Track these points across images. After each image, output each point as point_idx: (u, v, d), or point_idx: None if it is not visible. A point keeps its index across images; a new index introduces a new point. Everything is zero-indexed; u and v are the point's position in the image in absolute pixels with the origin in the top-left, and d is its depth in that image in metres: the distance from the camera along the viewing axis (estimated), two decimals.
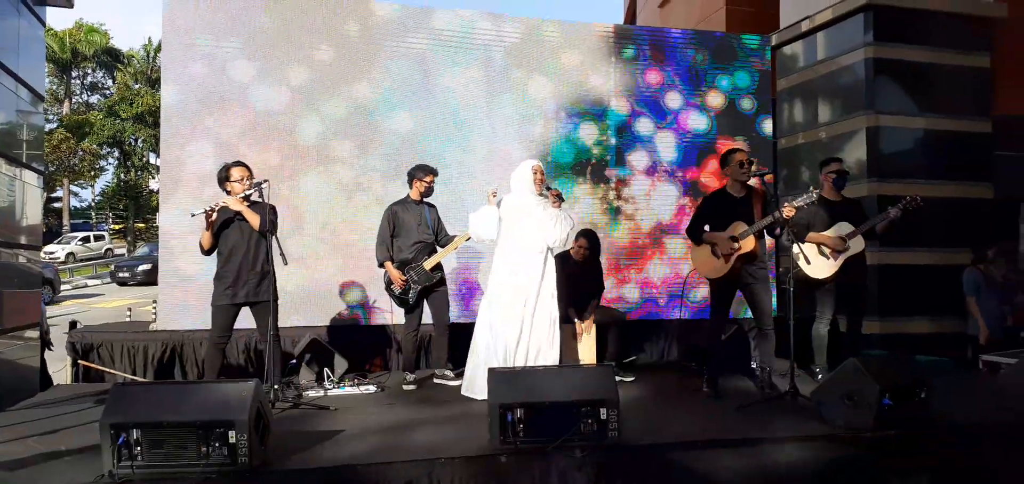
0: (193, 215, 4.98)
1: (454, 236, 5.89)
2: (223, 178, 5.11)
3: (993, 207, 7.94)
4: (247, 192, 5.00)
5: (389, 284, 5.75)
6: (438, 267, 5.78)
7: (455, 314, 6.38)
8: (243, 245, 5.03)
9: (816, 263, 5.56)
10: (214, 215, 4.92)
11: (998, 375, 5.56)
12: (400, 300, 5.74)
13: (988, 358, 5.88)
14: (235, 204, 4.97)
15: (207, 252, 5.09)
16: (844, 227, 5.65)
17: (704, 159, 7.97)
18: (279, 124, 6.89)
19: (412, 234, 5.73)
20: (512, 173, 5.44)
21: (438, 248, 5.82)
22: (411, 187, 5.83)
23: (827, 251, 5.62)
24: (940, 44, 7.90)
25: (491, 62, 7.45)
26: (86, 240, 32.21)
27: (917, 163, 7.76)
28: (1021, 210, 10.01)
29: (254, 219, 4.96)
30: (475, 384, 5.22)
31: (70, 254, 29.48)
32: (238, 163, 5.17)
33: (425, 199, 5.86)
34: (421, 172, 5.80)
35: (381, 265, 5.76)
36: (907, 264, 7.45)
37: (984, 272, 6.58)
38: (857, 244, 5.62)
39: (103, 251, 32.04)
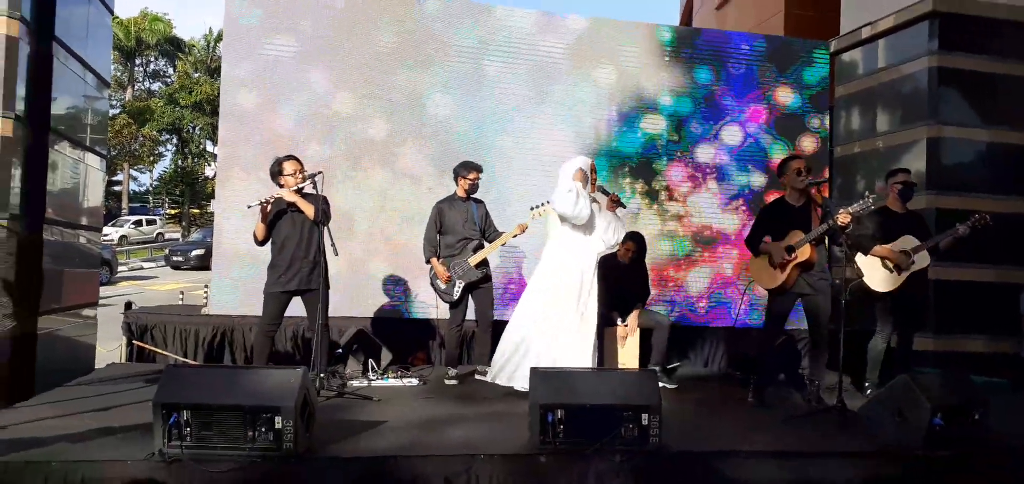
0: (249, 207, 5.09)
1: (502, 232, 5.89)
2: (276, 172, 5.22)
3: None
4: (300, 185, 5.09)
5: (434, 279, 5.79)
6: (484, 263, 5.80)
7: (497, 311, 6.39)
8: (296, 235, 5.12)
9: (878, 275, 5.43)
10: (269, 207, 5.02)
11: None
12: (444, 295, 5.78)
13: None
14: (289, 195, 5.07)
15: (261, 242, 5.20)
16: (909, 241, 5.50)
17: (758, 165, 7.84)
18: (333, 118, 7.01)
19: (458, 231, 5.76)
20: (562, 167, 5.39)
21: (485, 244, 5.84)
22: (457, 184, 5.86)
23: (891, 265, 5.48)
24: (1007, 54, 7.62)
25: (547, 60, 7.44)
26: (139, 223, 33.26)
27: (980, 176, 7.51)
28: None
29: (308, 209, 5.05)
30: (504, 371, 5.24)
31: (123, 236, 30.45)
32: (290, 157, 5.26)
33: (471, 195, 5.89)
34: (464, 169, 5.83)
35: (428, 261, 5.81)
36: (966, 280, 7.21)
37: None
38: (922, 259, 5.46)
39: (155, 235, 32.94)
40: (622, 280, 6.00)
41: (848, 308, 5.08)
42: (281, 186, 5.15)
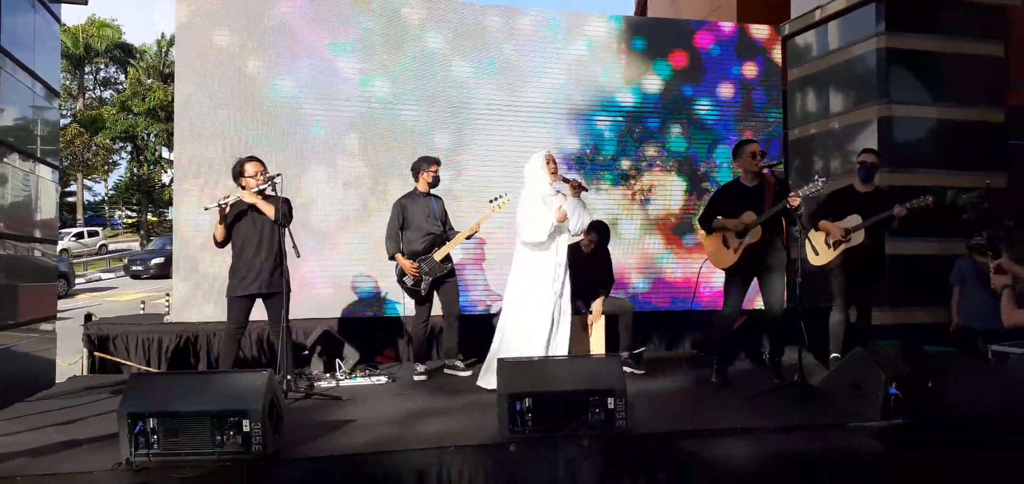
0: (206, 209, 5.04)
1: (462, 229, 5.91)
2: (238, 173, 5.17)
3: (1007, 196, 7.89)
4: (261, 186, 5.05)
5: (401, 276, 5.79)
6: (448, 258, 5.82)
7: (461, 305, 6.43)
8: (256, 237, 5.08)
9: (822, 252, 5.59)
10: (227, 208, 4.98)
11: (1006, 364, 5.54)
12: (412, 292, 5.78)
13: (998, 348, 5.86)
14: (249, 196, 5.03)
15: (221, 245, 5.15)
16: (853, 219, 5.64)
17: (714, 150, 7.96)
18: (292, 119, 6.95)
19: (422, 226, 5.77)
20: (525, 166, 5.42)
21: (447, 240, 5.85)
22: (417, 180, 5.86)
23: (830, 240, 5.62)
24: (953, 33, 7.85)
25: (501, 54, 7.47)
26: (79, 236, 31.77)
27: (930, 153, 7.74)
28: None
29: (269, 209, 5.01)
30: (489, 373, 5.28)
31: (64, 250, 29.41)
32: (252, 158, 5.21)
33: (432, 190, 5.90)
34: (425, 163, 5.84)
35: (392, 258, 5.80)
36: (919, 254, 7.43)
37: (977, 262, 6.51)
38: (857, 237, 5.59)
39: (97, 247, 31.67)
40: (586, 268, 6.06)
41: (812, 284, 5.20)
42: (243, 188, 5.11)
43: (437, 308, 5.90)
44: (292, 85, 6.97)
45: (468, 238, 5.93)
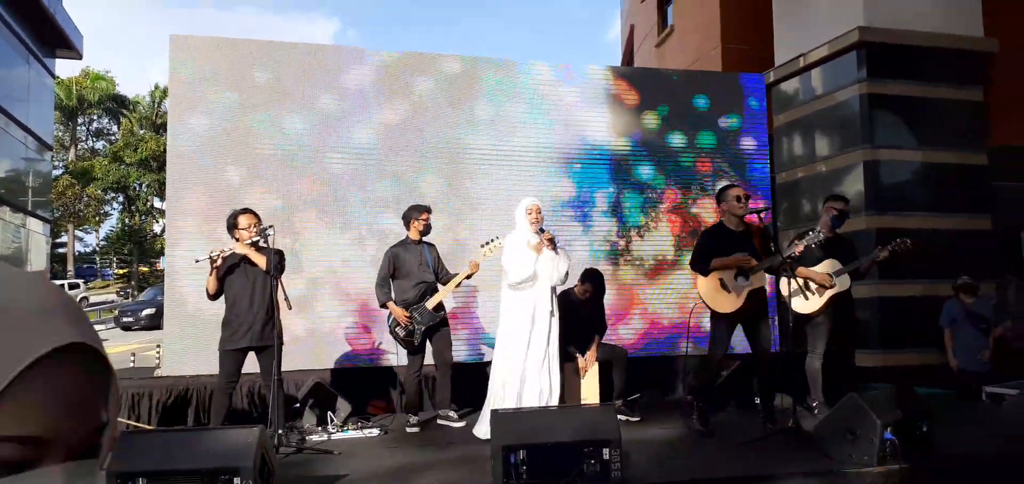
0: (197, 261, 5.04)
1: (454, 274, 5.91)
2: (231, 225, 5.19)
3: (992, 238, 7.98)
4: (254, 238, 5.07)
5: (394, 326, 5.77)
6: (440, 306, 5.81)
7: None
8: (248, 289, 5.08)
9: (801, 298, 5.65)
10: (219, 261, 4.98)
11: (1002, 407, 5.56)
12: (404, 342, 5.76)
13: (992, 390, 5.87)
14: (241, 248, 5.04)
15: (213, 297, 5.15)
16: (834, 264, 5.70)
17: (701, 196, 8.03)
18: (282, 170, 6.99)
19: (414, 274, 5.76)
20: (515, 210, 5.50)
21: (439, 287, 5.86)
22: (409, 228, 5.88)
23: (813, 287, 5.67)
24: (934, 79, 8.00)
25: (491, 104, 7.56)
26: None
27: (915, 196, 7.83)
28: (1022, 239, 10.05)
29: (261, 260, 5.02)
30: (483, 424, 5.26)
31: None
32: (246, 210, 5.24)
33: (424, 238, 5.92)
34: (416, 212, 5.86)
35: (383, 306, 5.79)
36: (907, 296, 7.48)
37: (964, 303, 6.57)
38: (843, 282, 5.66)
39: (78, 300, 31.36)
40: (579, 315, 6.07)
41: (788, 330, 5.24)
42: (237, 240, 5.12)
43: (430, 357, 5.88)
44: (284, 136, 7.02)
45: (458, 286, 5.93)
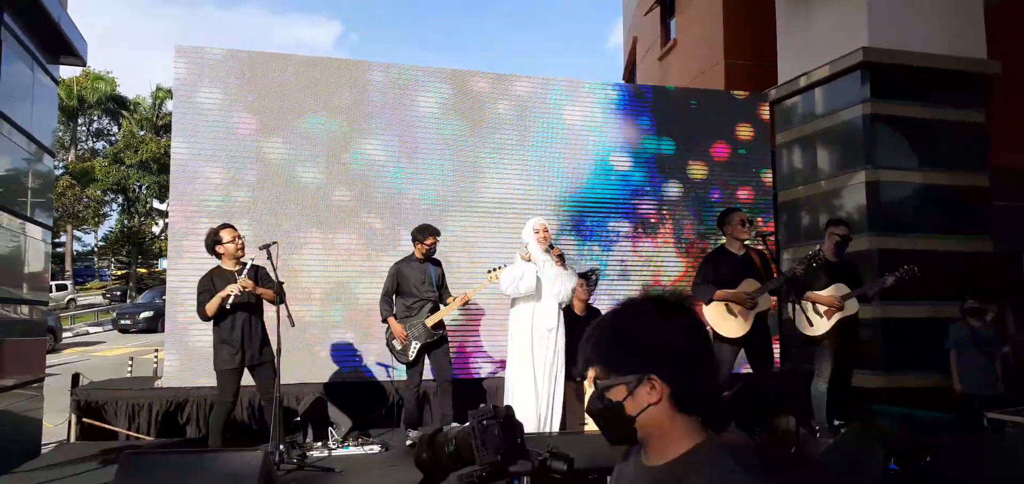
0: (211, 312, 5.03)
1: (456, 296, 5.93)
2: (214, 242, 5.20)
3: (993, 259, 7.99)
4: (246, 260, 5.11)
5: (391, 340, 5.79)
6: (440, 324, 5.82)
7: (455, 369, 6.42)
8: (246, 310, 5.10)
9: (817, 323, 5.64)
10: (230, 300, 4.97)
11: (1004, 435, 5.55)
12: (400, 356, 5.79)
13: (993, 416, 5.87)
14: (251, 287, 5.03)
15: (208, 320, 5.13)
16: (841, 288, 5.72)
17: (703, 214, 8.04)
18: (286, 181, 6.99)
19: (415, 292, 5.80)
20: (523, 230, 5.56)
21: (442, 306, 5.87)
22: (414, 247, 5.90)
23: (822, 310, 5.68)
24: (936, 100, 8.01)
25: (494, 119, 7.57)
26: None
27: (916, 216, 7.83)
28: (1023, 261, 10.07)
29: (268, 294, 5.10)
30: None
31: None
32: (226, 226, 5.27)
33: (429, 258, 5.93)
34: (421, 233, 5.87)
35: (384, 320, 5.81)
36: (910, 317, 7.47)
37: (970, 325, 6.57)
38: (851, 306, 5.67)
39: (65, 302, 30.68)
40: (577, 333, 6.07)
41: (789, 350, 5.27)
42: (219, 256, 5.16)
43: (429, 373, 5.88)
44: (287, 146, 7.02)
45: (461, 307, 5.96)
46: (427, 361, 5.85)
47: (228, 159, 6.87)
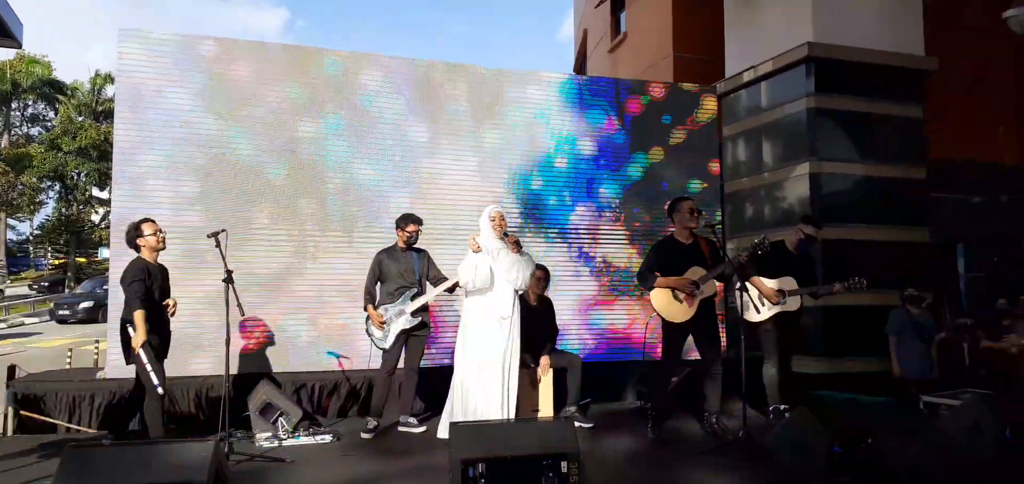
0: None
1: (445, 279, 5.91)
2: (134, 236, 5.13)
3: (930, 249, 8.31)
4: (161, 247, 5.20)
5: (369, 326, 5.84)
6: (423, 309, 5.86)
7: (430, 358, 6.42)
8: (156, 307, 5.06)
9: (761, 311, 5.83)
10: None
11: (939, 418, 5.79)
12: (378, 342, 5.81)
13: (929, 399, 6.12)
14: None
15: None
16: (788, 282, 5.91)
17: (653, 204, 8.15)
18: (233, 167, 6.84)
19: (395, 280, 5.86)
20: (480, 219, 5.56)
21: (428, 291, 5.90)
22: (397, 235, 5.97)
23: (766, 301, 5.88)
24: (877, 95, 8.28)
25: (446, 107, 7.53)
26: None
27: (857, 208, 8.08)
28: (958, 251, 10.50)
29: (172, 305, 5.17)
30: (442, 427, 5.27)
31: None
32: (147, 219, 5.22)
33: (411, 246, 5.97)
34: (403, 222, 5.96)
35: (364, 309, 5.86)
36: (850, 305, 7.72)
37: (910, 313, 6.85)
38: (793, 302, 5.90)
39: None
40: (531, 320, 6.10)
41: (737, 336, 5.42)
42: (138, 248, 5.12)
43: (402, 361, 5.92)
44: (234, 132, 6.86)
45: (436, 296, 5.97)
46: (402, 353, 5.87)
47: (173, 145, 6.69)
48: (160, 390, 4.87)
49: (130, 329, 4.88)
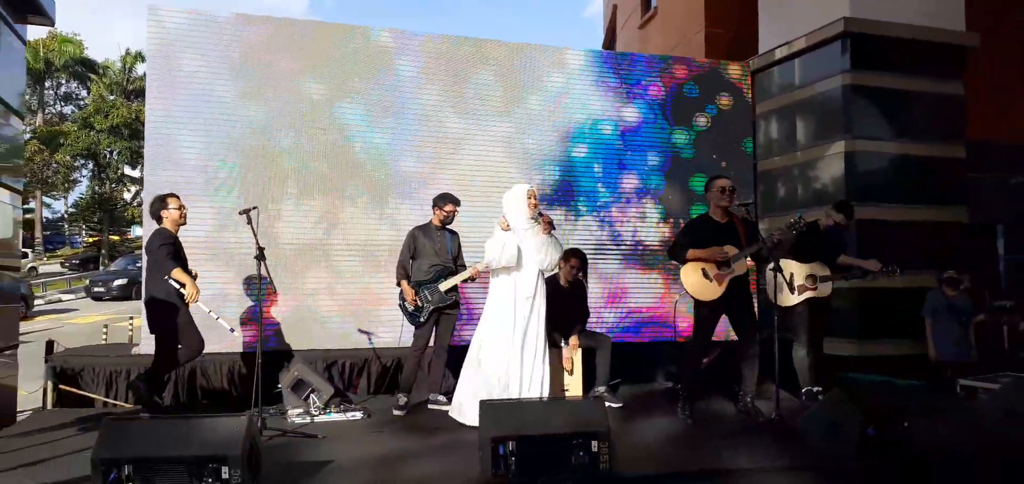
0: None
1: (464, 268, 5.96)
2: (159, 208, 5.33)
3: (968, 230, 8.11)
4: (182, 222, 5.41)
5: (403, 302, 5.86)
6: (453, 290, 5.89)
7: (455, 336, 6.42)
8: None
9: (794, 294, 5.80)
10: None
11: (976, 401, 5.69)
12: (411, 317, 5.85)
13: (966, 382, 6.01)
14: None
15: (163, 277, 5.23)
16: (821, 269, 5.91)
17: (686, 182, 8.06)
18: (265, 146, 6.87)
19: (429, 258, 5.89)
20: (504, 197, 5.50)
21: (457, 273, 5.92)
22: (433, 214, 5.98)
23: (796, 285, 5.87)
24: (915, 71, 8.06)
25: (474, 84, 7.49)
26: None
27: (893, 187, 7.91)
28: (997, 232, 10.26)
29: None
30: (464, 408, 5.25)
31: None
32: (172, 195, 5.41)
33: (446, 226, 5.99)
34: (441, 201, 5.98)
35: (398, 283, 5.89)
36: (886, 287, 7.57)
37: (946, 295, 6.73)
38: (825, 289, 5.93)
39: (27, 269, 30.08)
40: (563, 302, 6.09)
41: (769, 317, 5.37)
42: (161, 221, 5.32)
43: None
44: (263, 110, 6.88)
45: (469, 280, 5.98)
46: (434, 330, 5.91)
47: (204, 123, 6.73)
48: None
49: (175, 284, 5.13)
